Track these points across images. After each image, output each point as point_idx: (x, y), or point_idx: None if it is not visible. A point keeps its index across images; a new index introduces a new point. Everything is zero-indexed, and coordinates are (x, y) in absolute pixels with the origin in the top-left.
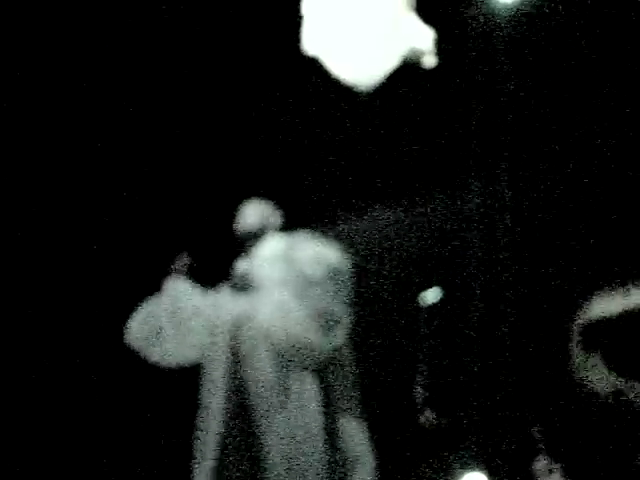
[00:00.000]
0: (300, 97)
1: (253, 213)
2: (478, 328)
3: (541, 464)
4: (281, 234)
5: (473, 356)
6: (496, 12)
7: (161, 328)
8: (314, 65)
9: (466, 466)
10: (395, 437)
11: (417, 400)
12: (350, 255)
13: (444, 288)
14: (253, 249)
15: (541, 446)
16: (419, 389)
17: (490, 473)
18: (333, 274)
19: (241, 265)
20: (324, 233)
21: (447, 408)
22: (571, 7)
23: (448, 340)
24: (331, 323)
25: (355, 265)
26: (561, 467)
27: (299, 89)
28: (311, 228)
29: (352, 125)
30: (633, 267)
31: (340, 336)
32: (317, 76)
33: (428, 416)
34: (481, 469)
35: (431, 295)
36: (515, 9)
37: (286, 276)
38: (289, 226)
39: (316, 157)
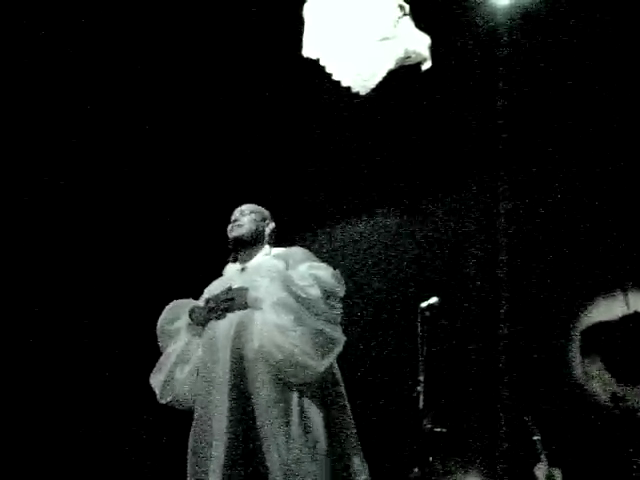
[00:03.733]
0: (300, 99)
1: (248, 220)
2: (477, 334)
3: (542, 469)
4: (275, 249)
5: (472, 362)
6: (493, 15)
7: (172, 374)
8: (314, 68)
9: (467, 471)
10: (395, 442)
11: (418, 406)
12: (344, 265)
13: (443, 294)
14: (246, 262)
15: (542, 451)
16: (420, 395)
17: (492, 478)
18: (328, 294)
19: (238, 280)
20: (321, 238)
21: (448, 414)
22: (567, 10)
23: (448, 346)
24: (328, 344)
25: (351, 272)
26: (561, 472)
27: (299, 92)
28: (307, 233)
29: (350, 128)
30: (632, 273)
31: (336, 356)
32: (317, 79)
33: (429, 422)
34: (482, 474)
35: (430, 303)
36: (511, 12)
37: (281, 295)
38: (285, 232)
39: (313, 160)
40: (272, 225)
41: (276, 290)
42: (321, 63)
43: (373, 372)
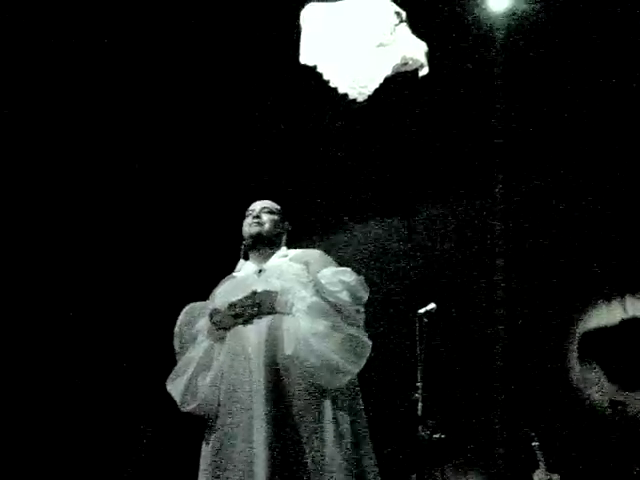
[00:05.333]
0: (297, 106)
1: (269, 219)
2: (476, 340)
3: (540, 475)
4: (291, 250)
5: (471, 368)
6: (488, 21)
7: (194, 381)
8: (311, 75)
9: (465, 478)
10: (392, 449)
11: (416, 412)
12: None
13: (440, 300)
14: (262, 263)
15: (540, 457)
16: (418, 402)
17: None
18: (356, 300)
19: (262, 284)
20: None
21: (446, 420)
22: (564, 15)
23: (446, 353)
24: (361, 348)
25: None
26: (560, 478)
27: (296, 99)
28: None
29: (346, 135)
30: (629, 279)
31: (366, 360)
32: (314, 86)
33: (427, 429)
34: None
35: (428, 310)
36: (507, 18)
37: (313, 301)
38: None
39: (310, 168)
40: (289, 226)
41: (307, 295)
42: (318, 70)
43: (370, 379)
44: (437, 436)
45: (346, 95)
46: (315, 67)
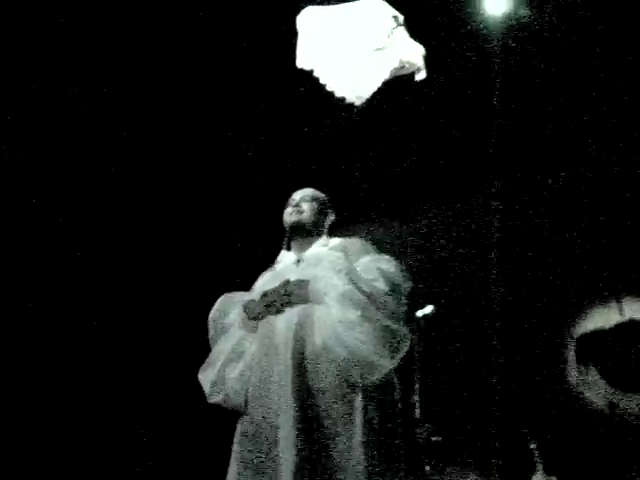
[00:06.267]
0: (294, 111)
1: (309, 207)
2: (473, 343)
3: (538, 478)
4: (332, 239)
5: (468, 371)
6: (486, 25)
7: (223, 372)
8: (308, 79)
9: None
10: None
11: (414, 415)
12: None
13: (438, 303)
14: (302, 252)
15: (538, 459)
16: (416, 404)
17: None
18: (394, 288)
19: (296, 273)
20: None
21: (444, 423)
22: (560, 19)
23: (443, 356)
24: (397, 341)
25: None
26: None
27: (293, 103)
28: None
29: (343, 140)
30: (626, 281)
31: (403, 354)
32: (311, 90)
33: (425, 431)
34: None
35: (425, 312)
36: (505, 22)
37: (346, 290)
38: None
39: (308, 172)
40: (333, 215)
41: (340, 283)
42: (315, 74)
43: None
44: (435, 439)
45: (343, 99)
46: (312, 71)
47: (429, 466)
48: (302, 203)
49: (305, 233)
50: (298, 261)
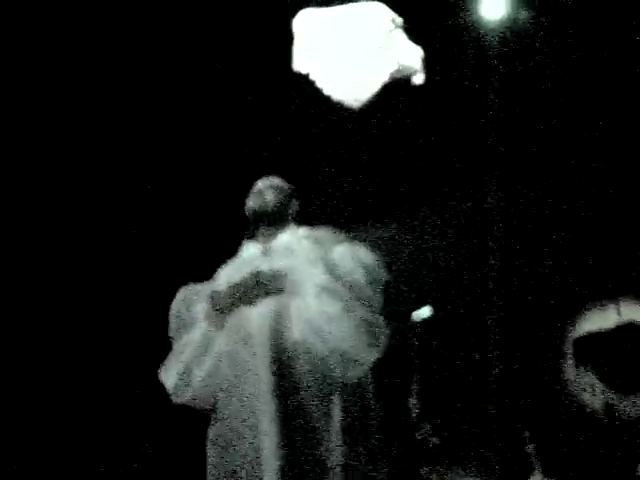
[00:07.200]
0: (290, 115)
1: (272, 192)
2: (470, 344)
3: (537, 479)
4: (301, 228)
5: (466, 372)
6: (484, 29)
7: (189, 369)
8: (304, 83)
9: None
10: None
11: (412, 416)
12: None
13: (436, 305)
14: (268, 242)
15: (536, 461)
16: (414, 405)
17: None
18: (372, 279)
19: (267, 263)
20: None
21: (442, 424)
22: (557, 23)
23: (441, 357)
24: (377, 336)
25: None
26: None
27: (289, 107)
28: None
29: (342, 143)
30: (624, 283)
31: (383, 348)
32: (307, 94)
33: (424, 432)
34: None
35: (423, 313)
36: (502, 26)
37: (324, 281)
38: None
39: (306, 176)
40: (297, 202)
41: (318, 274)
42: (311, 78)
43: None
44: (433, 440)
45: (341, 102)
46: (308, 75)
47: (427, 467)
48: (265, 190)
49: (269, 221)
50: (266, 250)
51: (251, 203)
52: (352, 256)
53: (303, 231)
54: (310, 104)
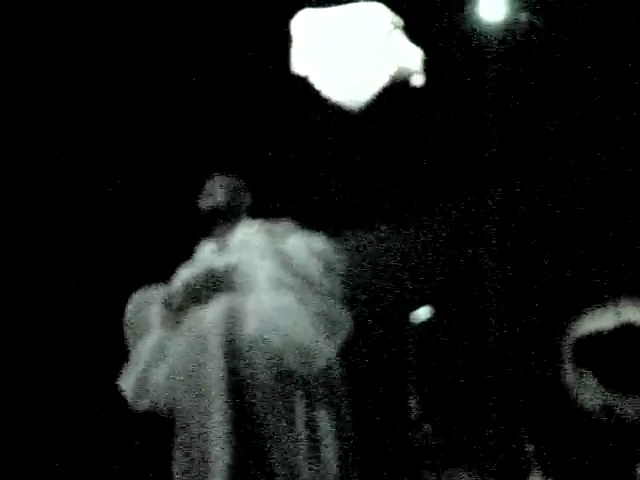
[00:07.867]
0: (290, 117)
1: (221, 189)
2: (469, 345)
3: (535, 479)
4: (257, 220)
5: (465, 373)
6: (484, 31)
7: (146, 376)
8: (303, 85)
9: None
10: (386, 454)
11: (412, 417)
12: (341, 249)
13: (435, 306)
14: (225, 236)
15: (535, 461)
16: (413, 406)
17: None
18: (329, 270)
19: (220, 259)
20: None
21: (441, 425)
22: (557, 25)
23: (440, 357)
24: (335, 326)
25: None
26: None
27: (288, 109)
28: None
29: (341, 145)
30: (623, 284)
31: (343, 340)
32: (306, 96)
33: (423, 432)
34: None
35: (422, 313)
36: (502, 28)
37: (277, 273)
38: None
39: (305, 177)
40: (249, 196)
41: (270, 267)
42: (310, 80)
43: (364, 384)
44: (432, 441)
45: (340, 104)
46: (307, 77)
47: (426, 468)
48: (214, 189)
49: (223, 218)
50: (221, 247)
51: (202, 203)
52: (306, 246)
53: (259, 224)
54: (309, 105)
